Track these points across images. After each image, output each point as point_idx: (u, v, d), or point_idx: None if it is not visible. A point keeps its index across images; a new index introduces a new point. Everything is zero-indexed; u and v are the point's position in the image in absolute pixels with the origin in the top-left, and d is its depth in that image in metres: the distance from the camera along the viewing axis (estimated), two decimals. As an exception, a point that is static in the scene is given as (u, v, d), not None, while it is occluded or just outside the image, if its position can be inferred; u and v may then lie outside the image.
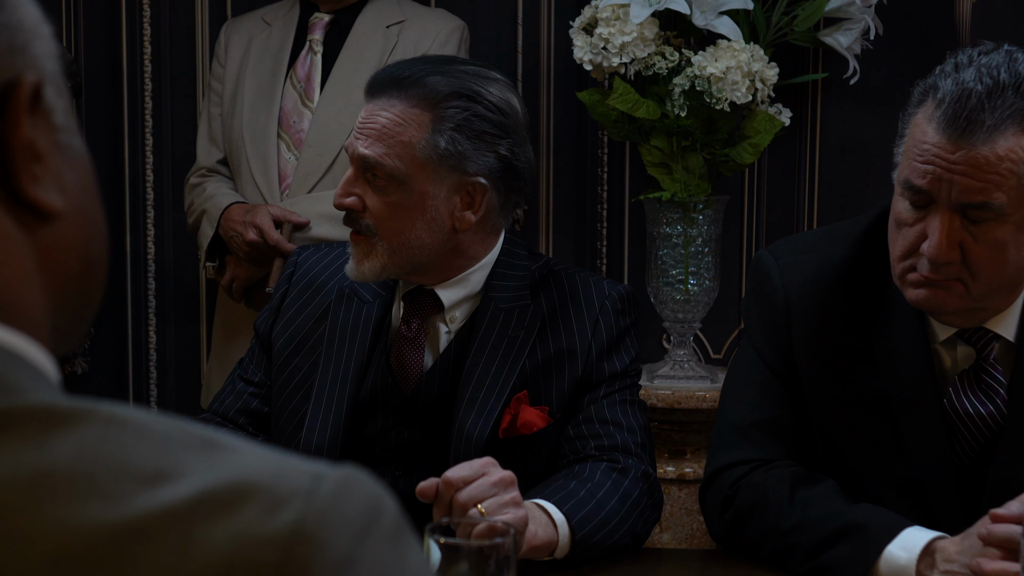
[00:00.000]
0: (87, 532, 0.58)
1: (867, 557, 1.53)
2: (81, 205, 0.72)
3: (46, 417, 0.62)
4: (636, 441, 1.77)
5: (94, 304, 0.76)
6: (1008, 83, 1.47)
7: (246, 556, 0.58)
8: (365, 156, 1.71)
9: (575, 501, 1.65)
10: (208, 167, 2.73)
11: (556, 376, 1.76)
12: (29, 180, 0.68)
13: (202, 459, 0.62)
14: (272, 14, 2.77)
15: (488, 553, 1.10)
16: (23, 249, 0.69)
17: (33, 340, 0.68)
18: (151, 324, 3.15)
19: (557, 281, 1.83)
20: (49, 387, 0.67)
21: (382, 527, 0.63)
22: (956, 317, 1.60)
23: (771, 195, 2.96)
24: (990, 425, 1.63)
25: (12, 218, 0.68)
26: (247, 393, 1.88)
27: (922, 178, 1.51)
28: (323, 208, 2.52)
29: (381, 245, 1.72)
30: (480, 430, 1.71)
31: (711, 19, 2.56)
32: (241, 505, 0.60)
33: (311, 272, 1.89)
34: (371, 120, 1.72)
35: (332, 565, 0.60)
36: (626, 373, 1.81)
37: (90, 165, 0.74)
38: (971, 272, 1.53)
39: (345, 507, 0.61)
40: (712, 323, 2.88)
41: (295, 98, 2.64)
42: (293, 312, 1.88)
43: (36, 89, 0.68)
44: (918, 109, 1.54)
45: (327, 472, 0.63)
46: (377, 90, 1.73)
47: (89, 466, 0.60)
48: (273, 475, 0.61)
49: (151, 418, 0.64)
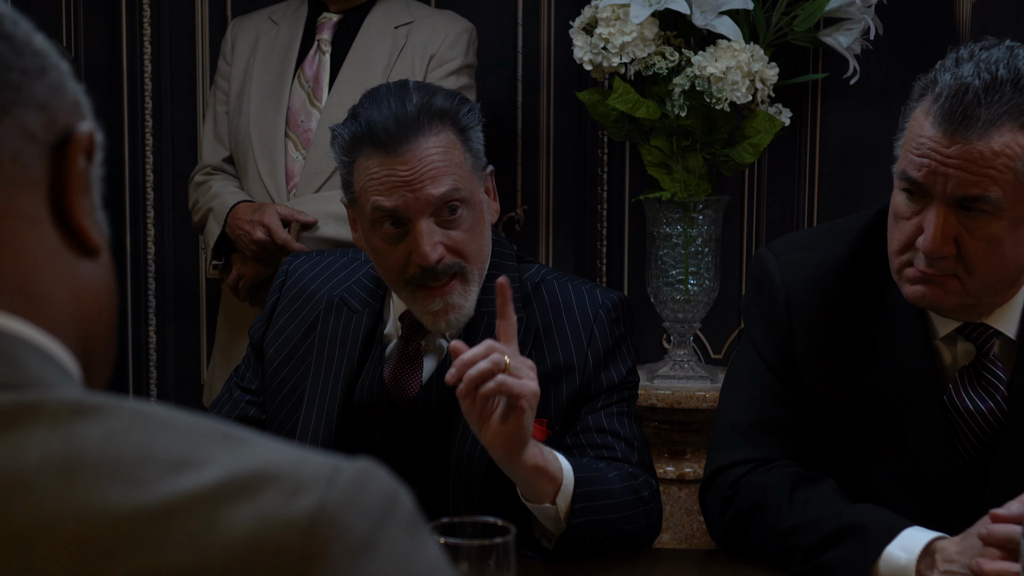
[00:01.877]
0: (113, 514, 0.61)
1: (867, 557, 1.53)
2: (109, 269, 0.78)
3: (75, 408, 0.65)
4: (636, 452, 1.76)
5: (108, 364, 0.79)
6: (1006, 79, 1.47)
7: (268, 538, 0.61)
8: (444, 193, 1.66)
9: (581, 466, 1.64)
10: (213, 165, 2.73)
11: (554, 390, 1.73)
12: (80, 210, 0.74)
13: (225, 449, 0.64)
14: (279, 13, 2.77)
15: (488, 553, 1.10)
16: (62, 265, 0.74)
17: (61, 342, 0.72)
18: (151, 324, 3.16)
19: (549, 290, 1.80)
20: (75, 385, 0.71)
21: (399, 517, 0.65)
22: (953, 313, 1.61)
23: (771, 195, 2.96)
24: (990, 422, 1.63)
25: (57, 234, 0.74)
26: (244, 401, 1.88)
27: (918, 171, 1.51)
28: (330, 208, 2.52)
29: (473, 275, 1.72)
30: (480, 454, 1.66)
31: (711, 19, 2.56)
32: (264, 490, 0.62)
33: (302, 281, 1.87)
34: (418, 165, 1.66)
35: (352, 548, 0.62)
36: (624, 384, 1.79)
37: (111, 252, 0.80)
38: (967, 267, 1.53)
39: (364, 495, 0.64)
40: (712, 323, 2.88)
41: (303, 97, 2.64)
42: (284, 321, 1.87)
43: (91, 139, 0.76)
44: (918, 103, 1.55)
45: (345, 463, 0.65)
46: (397, 141, 1.66)
47: (116, 452, 0.63)
48: (294, 464, 0.64)
49: (174, 413, 0.67)
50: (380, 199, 1.67)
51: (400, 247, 1.69)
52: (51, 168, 0.74)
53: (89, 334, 0.75)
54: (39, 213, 0.72)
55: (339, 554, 0.61)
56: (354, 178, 1.71)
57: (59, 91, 0.76)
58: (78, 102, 0.78)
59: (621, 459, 1.73)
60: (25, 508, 0.61)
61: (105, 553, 0.60)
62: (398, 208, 1.66)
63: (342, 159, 1.72)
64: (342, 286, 1.84)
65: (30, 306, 0.71)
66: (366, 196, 1.69)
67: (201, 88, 3.07)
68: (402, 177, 1.66)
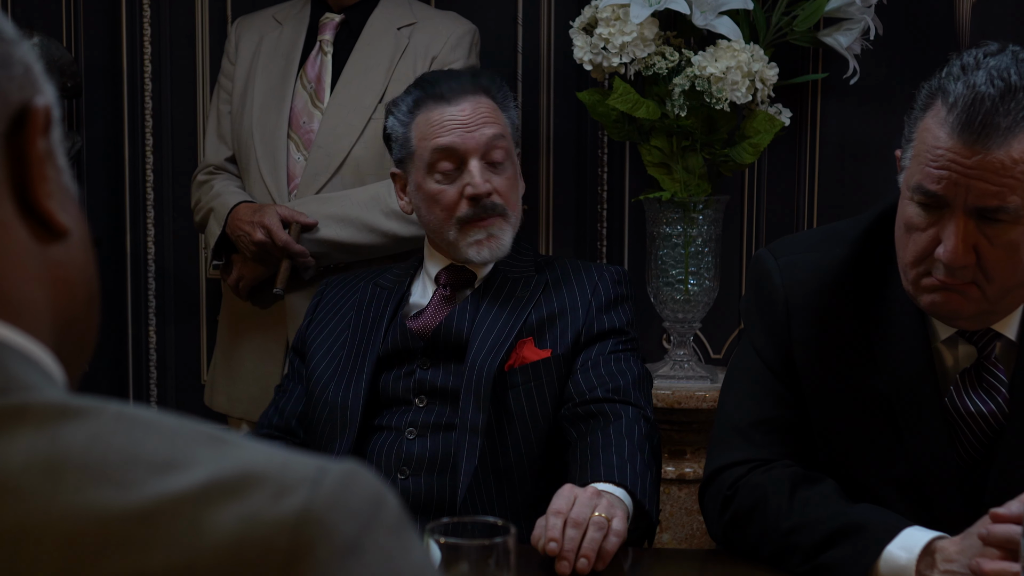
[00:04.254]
0: (99, 515, 0.60)
1: (867, 557, 1.53)
2: (81, 240, 0.76)
3: (60, 411, 0.64)
4: (635, 389, 1.95)
5: (90, 342, 0.78)
6: (1019, 85, 1.46)
7: (255, 538, 0.60)
8: (493, 134, 2.00)
9: (623, 473, 1.80)
10: (216, 164, 2.72)
11: (560, 326, 1.99)
12: (44, 194, 0.72)
13: (210, 451, 0.64)
14: (283, 13, 2.76)
15: (488, 553, 1.10)
16: (34, 259, 0.72)
17: (42, 345, 0.71)
18: (151, 324, 3.16)
19: (560, 263, 2.09)
20: (58, 388, 0.70)
21: (385, 518, 0.65)
22: (969, 321, 1.60)
23: (771, 195, 2.96)
24: (991, 424, 1.63)
25: (26, 228, 0.71)
26: (293, 399, 2.09)
27: (937, 183, 1.50)
28: (331, 209, 2.52)
29: (511, 219, 2.03)
30: (489, 366, 1.92)
31: (711, 19, 2.56)
32: (250, 491, 0.62)
33: (336, 297, 2.14)
34: (472, 113, 2.00)
35: (338, 549, 0.62)
36: (623, 331, 2.01)
37: (82, 211, 0.78)
38: (986, 275, 1.52)
39: (350, 496, 0.63)
40: (712, 323, 2.88)
41: (305, 98, 2.63)
42: (324, 314, 2.13)
43: (48, 113, 0.73)
44: (926, 113, 1.53)
45: (331, 465, 0.65)
46: (456, 94, 2.02)
47: (101, 454, 0.62)
48: (280, 465, 0.64)
49: (159, 415, 0.66)
50: (440, 139, 1.99)
51: (454, 186, 2.00)
52: (8, 160, 0.71)
53: (65, 320, 0.74)
54: (5, 215, 0.70)
55: (325, 555, 0.61)
56: (412, 134, 2.03)
57: (5, 65, 0.71)
58: (28, 68, 0.73)
59: (623, 390, 1.92)
60: (10, 510, 0.60)
61: (91, 554, 0.59)
62: (455, 144, 1.99)
63: (401, 121, 2.04)
64: (372, 279, 2.13)
65: (8, 309, 0.70)
66: (425, 143, 2.01)
67: (201, 88, 3.07)
68: (460, 120, 2.00)
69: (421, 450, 1.93)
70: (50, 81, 0.75)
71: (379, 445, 1.96)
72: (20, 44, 0.73)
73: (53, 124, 0.74)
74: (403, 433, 1.95)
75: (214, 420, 2.70)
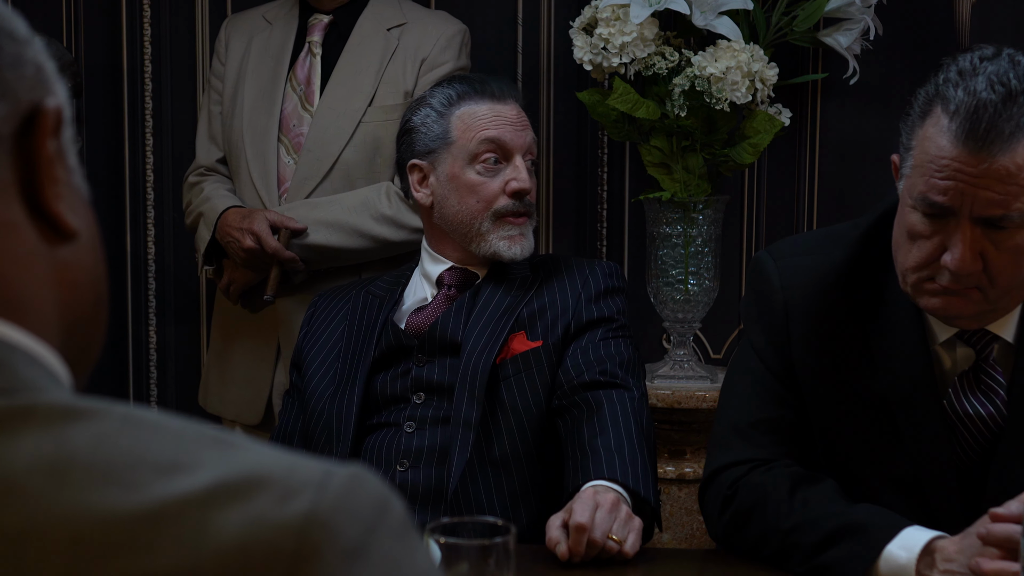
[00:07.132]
0: (105, 516, 0.60)
1: (867, 557, 1.54)
2: (90, 241, 0.76)
3: (66, 412, 0.64)
4: (623, 369, 1.97)
5: (97, 344, 0.78)
6: (1019, 90, 1.45)
7: (260, 541, 0.60)
8: (532, 139, 2.09)
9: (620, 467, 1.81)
10: (207, 166, 2.69)
11: (550, 316, 2.01)
12: (53, 195, 0.72)
13: (216, 453, 0.64)
14: (273, 12, 2.72)
15: (488, 553, 1.10)
16: (42, 260, 0.72)
17: (49, 346, 0.71)
18: (151, 324, 3.16)
19: (554, 260, 2.13)
20: (65, 389, 0.70)
21: (391, 522, 0.65)
22: (969, 321, 1.60)
23: (771, 195, 2.96)
24: (990, 426, 1.63)
25: (35, 229, 0.71)
26: (292, 417, 2.11)
27: (943, 195, 1.49)
28: (320, 214, 2.50)
29: (533, 224, 2.09)
30: (484, 362, 1.95)
31: (711, 19, 2.56)
32: (256, 494, 0.62)
33: (329, 308, 2.16)
34: (518, 115, 2.08)
35: (344, 553, 0.62)
36: (613, 319, 2.03)
37: (93, 212, 0.78)
38: (991, 279, 1.52)
39: (356, 500, 0.63)
40: (712, 323, 2.88)
41: (295, 101, 2.60)
42: (318, 325, 2.14)
43: (59, 114, 0.73)
44: (925, 120, 1.51)
45: (337, 468, 0.65)
46: (504, 94, 2.09)
47: (107, 455, 0.62)
48: (285, 468, 0.64)
49: (165, 417, 0.66)
50: (489, 132, 2.04)
51: (496, 179, 2.04)
52: (18, 162, 0.71)
53: (72, 321, 0.74)
54: (14, 216, 0.70)
55: (331, 558, 0.61)
56: (453, 124, 2.06)
57: (16, 65, 0.71)
58: (39, 68, 0.73)
59: (610, 373, 1.94)
60: (16, 511, 0.60)
61: (96, 556, 0.59)
62: (505, 138, 2.04)
63: (438, 111, 2.07)
64: (364, 287, 2.15)
65: (16, 311, 0.70)
66: (470, 134, 2.05)
67: (201, 88, 3.07)
68: (508, 118, 2.06)
69: (420, 443, 1.95)
70: (62, 81, 0.75)
71: (379, 439, 1.99)
72: (32, 44, 0.73)
73: (64, 125, 0.74)
74: (402, 427, 1.97)
75: (212, 421, 2.70)
